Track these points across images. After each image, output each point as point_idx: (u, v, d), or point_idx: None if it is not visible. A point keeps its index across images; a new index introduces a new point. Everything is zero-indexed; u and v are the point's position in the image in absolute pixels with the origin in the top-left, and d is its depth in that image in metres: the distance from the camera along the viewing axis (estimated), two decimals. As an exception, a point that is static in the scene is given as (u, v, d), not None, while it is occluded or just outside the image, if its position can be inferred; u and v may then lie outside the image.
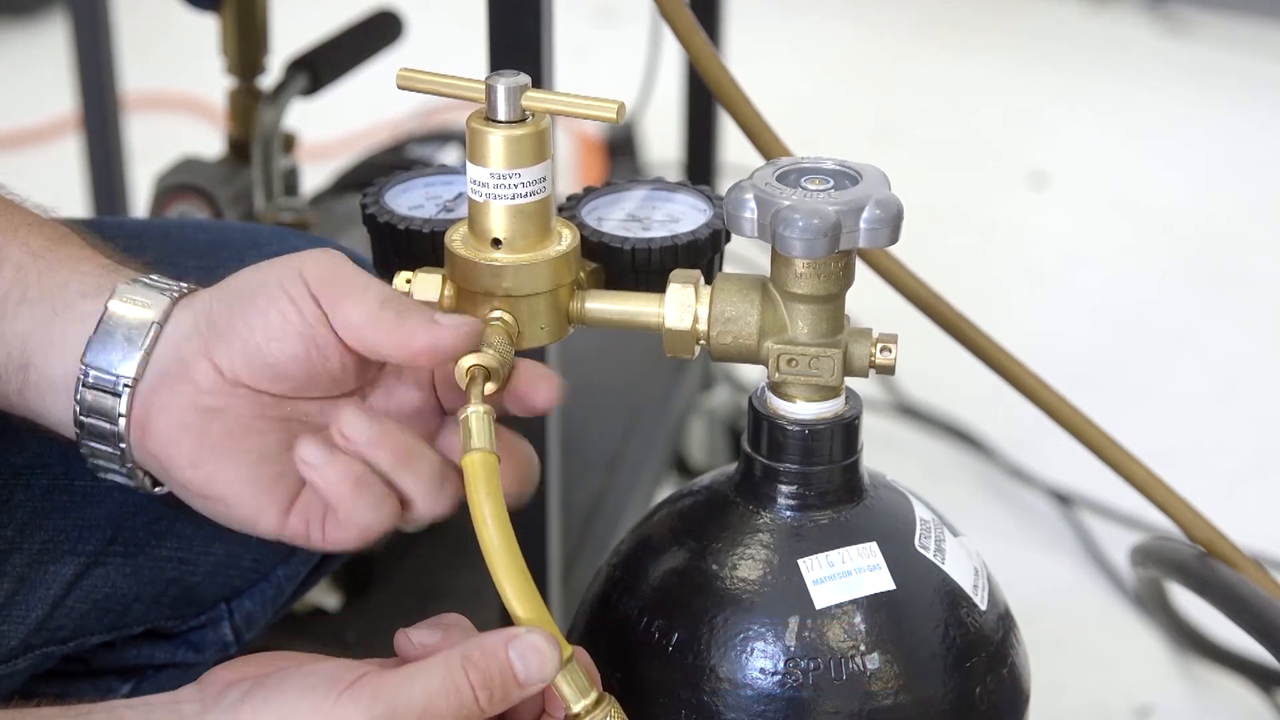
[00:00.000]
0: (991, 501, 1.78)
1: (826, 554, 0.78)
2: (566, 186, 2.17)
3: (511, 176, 0.77)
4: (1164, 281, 2.23)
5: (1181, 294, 2.20)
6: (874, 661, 0.76)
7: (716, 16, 1.66)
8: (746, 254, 1.81)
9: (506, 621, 0.72)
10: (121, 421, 0.76)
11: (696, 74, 1.20)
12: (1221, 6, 2.93)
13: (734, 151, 1.62)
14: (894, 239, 0.75)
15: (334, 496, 0.75)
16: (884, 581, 0.77)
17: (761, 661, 0.76)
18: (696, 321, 0.78)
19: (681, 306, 0.79)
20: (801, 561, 0.77)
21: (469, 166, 0.78)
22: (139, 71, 2.03)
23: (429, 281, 0.79)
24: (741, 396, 1.77)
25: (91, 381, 0.76)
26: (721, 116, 1.67)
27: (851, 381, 0.79)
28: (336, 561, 0.97)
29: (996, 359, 0.99)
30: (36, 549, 0.85)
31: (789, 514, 0.79)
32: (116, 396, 0.76)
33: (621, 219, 0.84)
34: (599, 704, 0.73)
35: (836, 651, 0.76)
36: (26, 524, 0.85)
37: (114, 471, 0.79)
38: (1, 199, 0.81)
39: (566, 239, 0.80)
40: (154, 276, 0.78)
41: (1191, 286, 2.22)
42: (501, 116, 0.76)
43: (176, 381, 0.76)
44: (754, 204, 0.76)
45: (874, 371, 0.79)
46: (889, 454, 1.80)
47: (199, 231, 0.97)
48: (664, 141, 2.15)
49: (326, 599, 1.32)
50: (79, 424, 0.77)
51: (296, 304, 0.75)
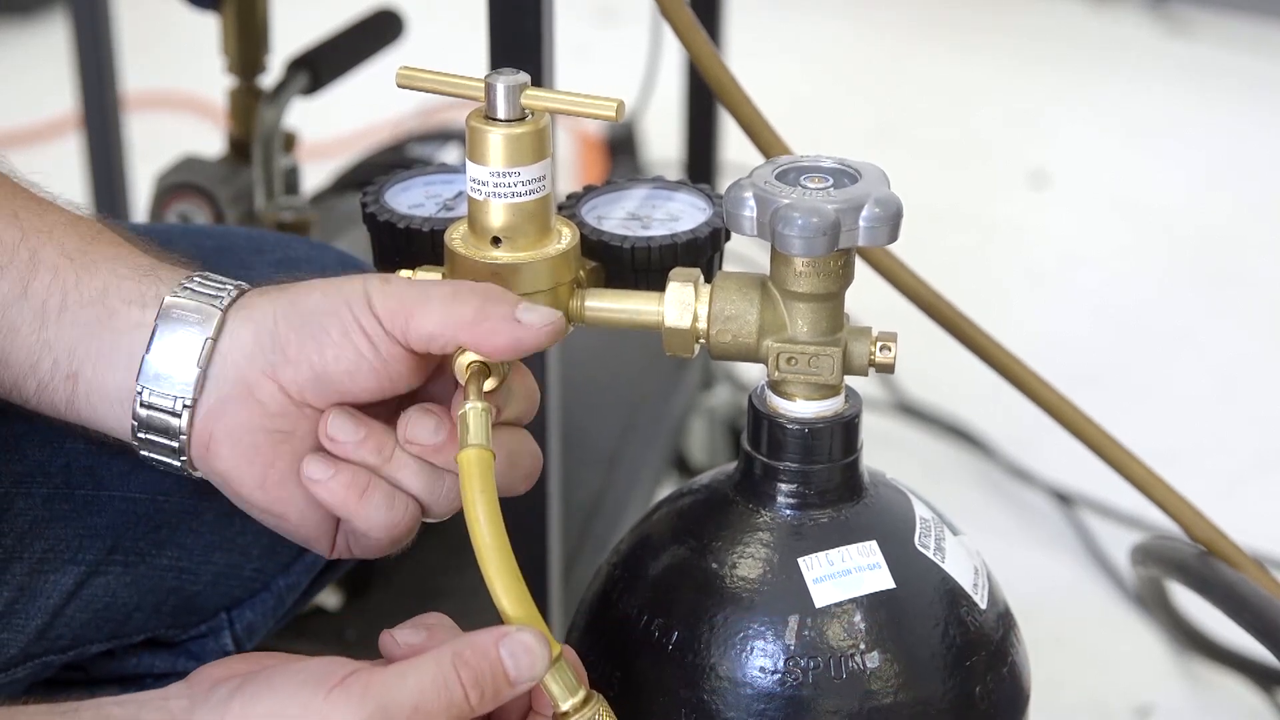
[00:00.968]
0: (992, 500, 1.78)
1: (826, 553, 0.78)
2: (567, 185, 2.17)
3: (511, 175, 0.77)
4: (1164, 281, 2.23)
5: (1182, 293, 2.20)
6: (874, 660, 0.76)
7: (717, 16, 1.66)
8: (746, 253, 1.81)
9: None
10: (182, 439, 0.76)
11: (697, 73, 1.20)
12: (1222, 6, 2.93)
13: (734, 150, 1.62)
14: (893, 237, 0.75)
15: (341, 506, 0.75)
16: (884, 580, 0.77)
17: (761, 660, 0.76)
18: (696, 320, 0.78)
19: (681, 305, 0.79)
20: (801, 560, 0.77)
21: (469, 165, 0.78)
22: (139, 71, 2.03)
23: (428, 279, 0.79)
24: (742, 395, 1.77)
25: (149, 400, 0.75)
26: (722, 115, 1.67)
27: (851, 380, 0.79)
28: (337, 572, 0.97)
29: (997, 358, 0.99)
30: (37, 558, 0.85)
31: (789, 512, 0.79)
32: (176, 416, 0.75)
33: (621, 218, 0.84)
34: (587, 702, 0.73)
35: (836, 650, 0.76)
36: (27, 532, 0.84)
37: (172, 469, 0.79)
38: (34, 198, 0.80)
39: (566, 237, 0.80)
40: (198, 279, 0.77)
41: (1192, 286, 2.22)
42: (501, 115, 0.76)
43: (241, 404, 0.75)
44: (753, 202, 0.76)
45: (874, 370, 0.79)
46: (889, 453, 1.80)
47: (203, 237, 0.96)
48: (664, 140, 2.15)
49: (327, 598, 1.32)
50: (137, 438, 0.77)
51: (373, 341, 0.74)
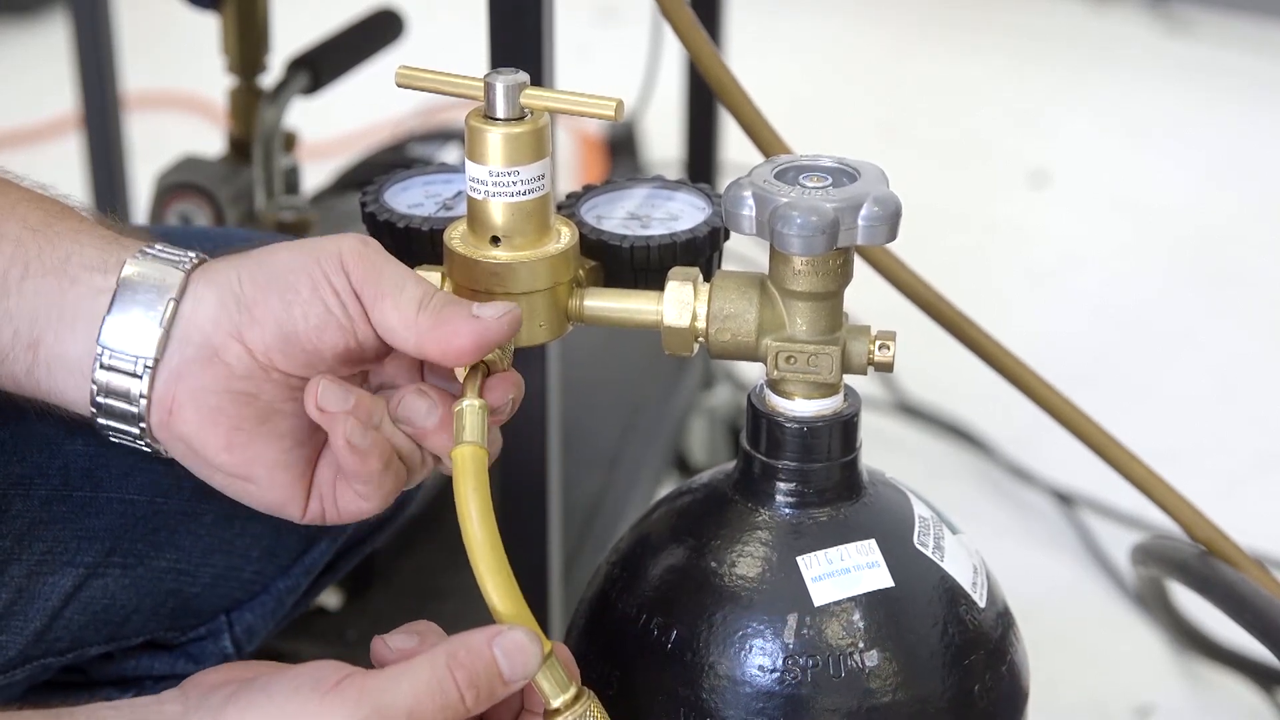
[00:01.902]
0: (991, 500, 1.78)
1: (825, 551, 0.78)
2: (567, 185, 2.17)
3: (510, 174, 0.77)
4: (1164, 281, 2.23)
5: (1182, 293, 2.20)
6: (873, 659, 0.76)
7: (717, 15, 1.66)
8: (745, 252, 1.81)
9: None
10: (142, 403, 0.75)
11: (697, 72, 1.20)
12: (1222, 6, 2.93)
13: (735, 150, 1.62)
14: (892, 236, 0.75)
15: (357, 443, 0.75)
16: (883, 579, 0.77)
17: (760, 659, 0.76)
18: (695, 319, 0.79)
19: (680, 304, 0.79)
20: (800, 559, 0.77)
21: (468, 164, 0.78)
22: (140, 70, 2.03)
23: (428, 279, 0.79)
24: (742, 395, 1.77)
25: (109, 362, 0.74)
26: (722, 115, 1.67)
27: (851, 379, 0.79)
28: (337, 574, 0.97)
29: (996, 357, 0.99)
30: (35, 560, 0.85)
31: (788, 511, 0.79)
32: (137, 378, 0.74)
33: (621, 217, 0.84)
34: (578, 699, 0.73)
35: (835, 649, 0.76)
36: (25, 534, 0.84)
37: (128, 441, 0.78)
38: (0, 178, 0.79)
39: (565, 237, 0.80)
40: (159, 247, 0.76)
41: (1192, 286, 2.22)
42: (500, 114, 0.76)
43: (206, 364, 0.74)
44: (752, 201, 0.76)
45: (873, 369, 0.79)
46: (888, 452, 1.80)
47: (202, 239, 0.96)
48: (665, 140, 2.15)
49: (328, 598, 1.32)
50: (95, 404, 0.75)
51: (340, 297, 0.74)
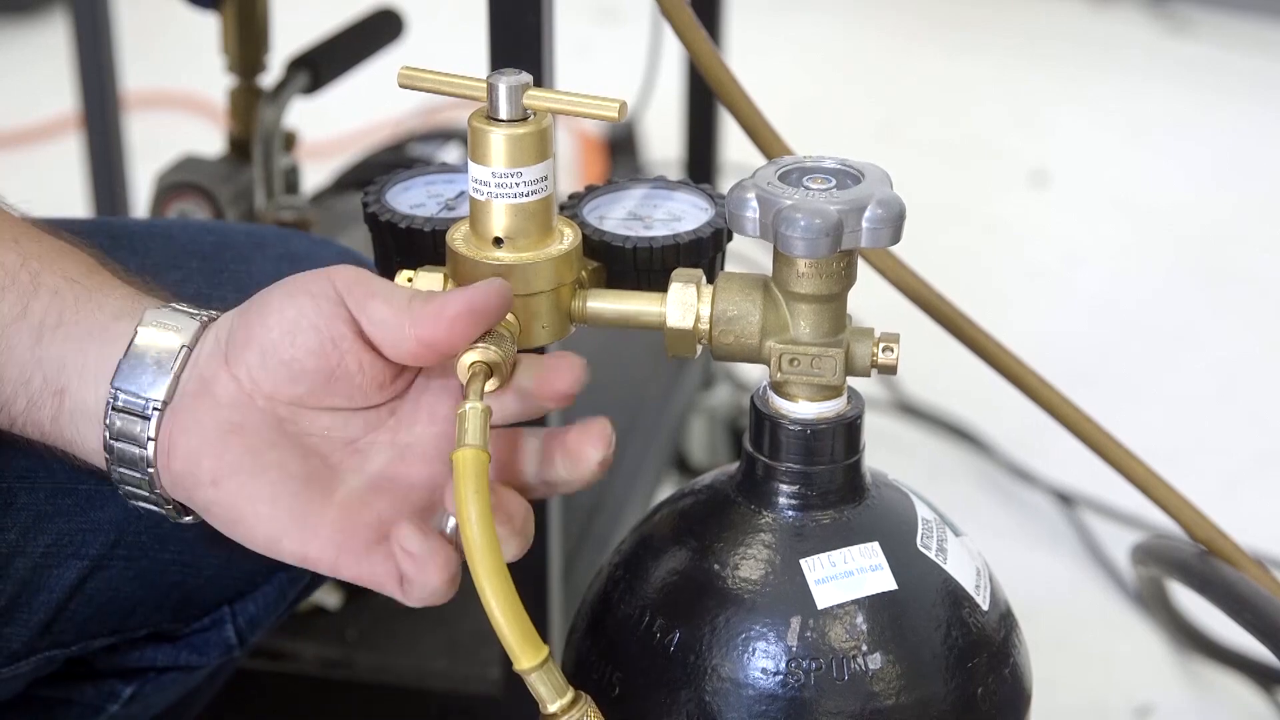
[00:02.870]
0: (993, 501, 1.78)
1: (828, 554, 0.78)
2: (568, 185, 2.17)
3: (513, 175, 0.77)
4: (1165, 280, 2.23)
5: (1182, 292, 2.20)
6: (876, 661, 0.76)
7: (717, 15, 1.66)
8: (748, 253, 1.81)
9: None
10: (150, 445, 0.75)
11: (697, 73, 1.20)
12: (1222, 5, 2.93)
13: (735, 150, 1.62)
14: (896, 239, 0.75)
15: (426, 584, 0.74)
16: (886, 581, 0.77)
17: (763, 661, 0.76)
18: (698, 321, 0.78)
19: (683, 306, 0.78)
20: (803, 561, 0.77)
21: (470, 165, 0.78)
22: (139, 70, 2.03)
23: (430, 280, 0.79)
24: (742, 395, 1.77)
25: (120, 405, 0.75)
26: (723, 115, 1.67)
27: (853, 381, 0.79)
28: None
29: (998, 358, 0.99)
30: (40, 553, 0.85)
31: (791, 514, 0.79)
32: (145, 420, 0.75)
33: (623, 218, 0.84)
34: (575, 704, 0.73)
35: (838, 651, 0.76)
36: (30, 528, 0.85)
37: (143, 499, 0.78)
38: (31, 227, 0.80)
39: (568, 238, 0.80)
40: (182, 304, 0.77)
41: (1193, 285, 2.22)
42: (503, 115, 0.76)
43: (197, 399, 0.75)
44: (756, 203, 0.75)
45: (876, 371, 0.78)
46: (891, 453, 1.81)
47: (203, 233, 0.96)
48: (665, 140, 2.15)
49: (328, 598, 1.32)
50: (108, 448, 0.76)
51: (315, 299, 0.74)
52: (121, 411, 0.75)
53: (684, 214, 0.84)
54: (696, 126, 1.71)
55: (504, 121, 0.76)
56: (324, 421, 0.76)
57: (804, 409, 0.78)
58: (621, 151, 2.25)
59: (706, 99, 1.67)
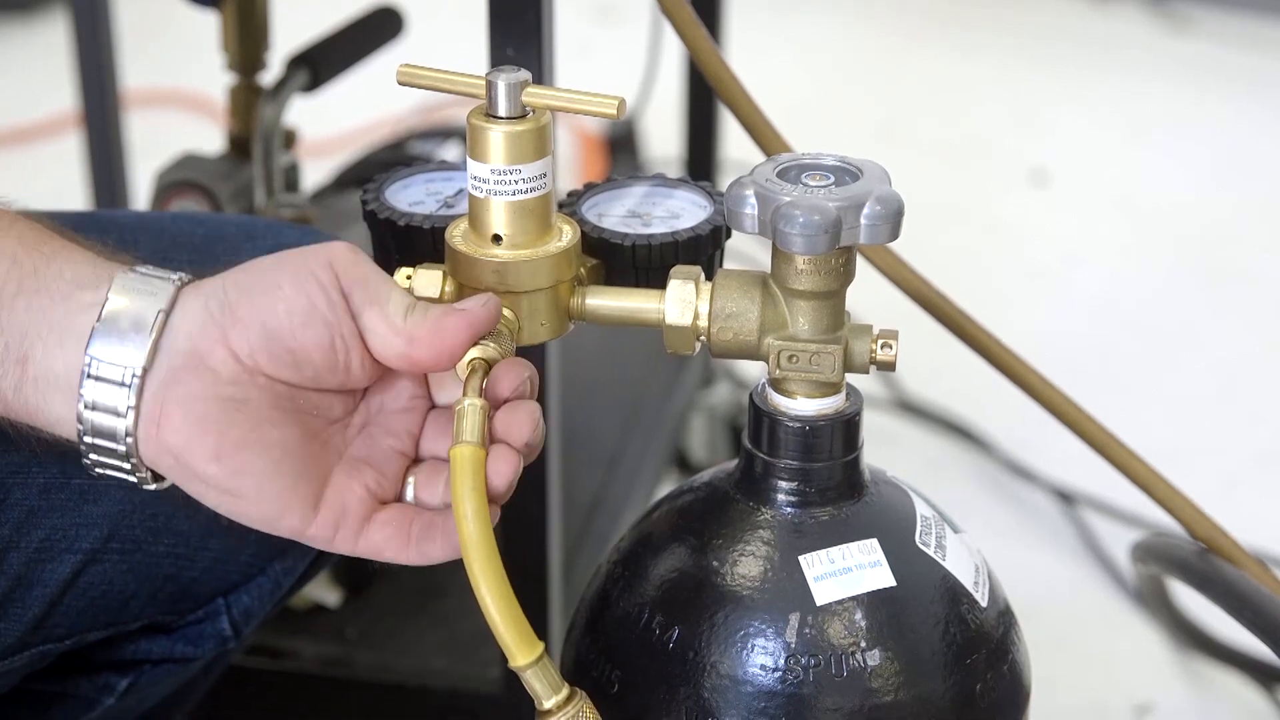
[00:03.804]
0: (992, 498, 1.78)
1: (827, 550, 0.78)
2: (567, 183, 2.17)
3: (512, 173, 0.77)
4: (1165, 279, 2.23)
5: (1182, 291, 2.20)
6: (874, 658, 0.76)
7: (717, 13, 1.66)
8: (747, 250, 1.81)
9: None
10: (130, 415, 0.73)
11: (697, 70, 1.20)
12: (1222, 4, 2.93)
13: (735, 148, 1.62)
14: (894, 235, 0.75)
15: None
16: (885, 578, 0.77)
17: (762, 658, 0.76)
18: (697, 318, 0.78)
19: (682, 303, 0.78)
20: (802, 558, 0.77)
21: (469, 163, 0.78)
22: (139, 68, 2.03)
23: (429, 278, 0.79)
24: (742, 393, 1.77)
25: (96, 373, 0.73)
26: (722, 113, 1.67)
27: (852, 378, 0.79)
28: (332, 558, 0.97)
29: (997, 356, 0.99)
30: (34, 547, 0.85)
31: (790, 510, 0.79)
32: (124, 387, 0.73)
33: (622, 215, 0.84)
34: (570, 700, 0.73)
35: (837, 648, 0.76)
36: (24, 522, 0.85)
37: (114, 468, 0.76)
38: None
39: (567, 235, 0.80)
40: (150, 266, 0.76)
41: (1192, 283, 2.22)
42: (502, 113, 0.76)
43: (193, 372, 0.73)
44: (754, 200, 0.75)
45: (875, 368, 0.79)
46: (890, 450, 1.80)
47: (194, 225, 0.96)
48: (665, 138, 2.15)
49: (327, 596, 1.32)
50: (81, 419, 0.74)
51: (325, 291, 0.73)
52: (98, 379, 0.73)
53: (683, 211, 0.84)
54: (696, 124, 1.71)
55: (503, 119, 0.76)
56: (315, 400, 0.76)
57: (803, 406, 0.78)
58: (621, 149, 2.25)
59: (706, 97, 1.67)
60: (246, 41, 1.35)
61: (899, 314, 0.99)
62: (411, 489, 0.77)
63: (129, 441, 0.74)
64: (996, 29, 2.98)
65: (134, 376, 0.73)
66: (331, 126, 2.25)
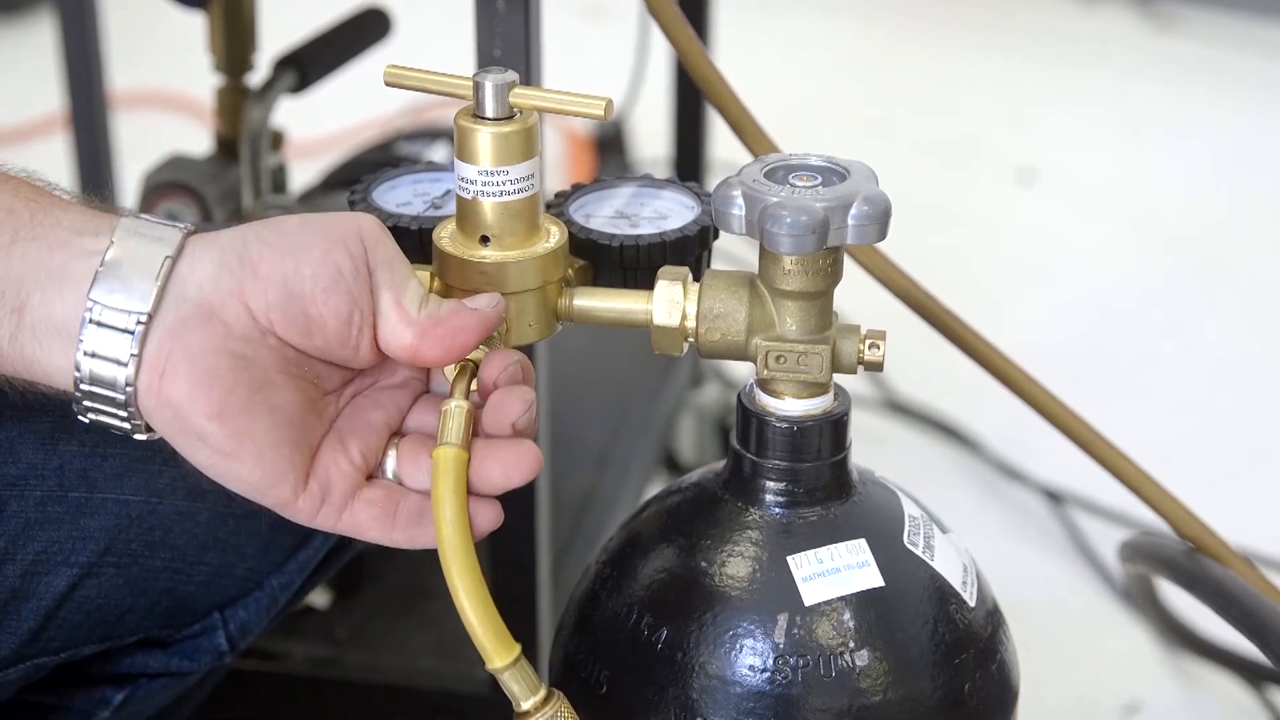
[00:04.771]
0: (981, 498, 1.78)
1: (815, 551, 0.78)
2: (555, 183, 2.16)
3: (499, 174, 0.77)
4: (1153, 278, 2.23)
5: (1170, 290, 2.20)
6: (863, 658, 0.76)
7: (705, 13, 1.66)
8: (735, 251, 1.81)
9: None
10: (132, 363, 0.70)
11: (685, 71, 1.20)
12: (1210, 3, 2.93)
13: (723, 149, 1.62)
14: (882, 235, 0.75)
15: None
16: (873, 578, 0.77)
17: (750, 658, 0.76)
18: (684, 318, 0.78)
19: (669, 303, 0.79)
20: (790, 558, 0.77)
21: (457, 164, 0.78)
22: (127, 69, 2.02)
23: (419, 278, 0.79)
24: (730, 393, 1.77)
25: (98, 318, 0.70)
26: (710, 114, 1.67)
27: (841, 378, 0.79)
28: (330, 570, 0.97)
29: (986, 356, 0.99)
30: (30, 560, 0.85)
31: (778, 511, 0.79)
32: (127, 334, 0.70)
33: (609, 216, 0.84)
34: (548, 701, 0.73)
35: (825, 648, 0.76)
36: (20, 535, 0.84)
37: (109, 414, 0.73)
38: None
39: (555, 236, 0.80)
40: (152, 217, 0.73)
41: (1180, 283, 2.22)
42: (489, 114, 0.76)
43: (204, 323, 0.71)
44: (742, 201, 0.76)
45: (862, 368, 0.79)
46: (878, 451, 1.80)
47: None
48: (653, 139, 2.15)
49: (316, 597, 1.32)
50: (79, 366, 0.71)
51: (354, 261, 0.72)
52: (100, 325, 0.70)
53: (670, 212, 0.84)
54: (684, 125, 1.71)
55: (490, 120, 0.76)
56: (318, 370, 0.75)
57: (790, 406, 0.78)
58: (610, 150, 2.25)
59: (694, 97, 1.67)
60: (234, 43, 1.35)
61: (887, 314, 0.99)
62: (392, 461, 0.76)
63: (128, 391, 0.71)
64: (984, 28, 2.98)
65: (138, 322, 0.70)
66: (319, 128, 2.25)
